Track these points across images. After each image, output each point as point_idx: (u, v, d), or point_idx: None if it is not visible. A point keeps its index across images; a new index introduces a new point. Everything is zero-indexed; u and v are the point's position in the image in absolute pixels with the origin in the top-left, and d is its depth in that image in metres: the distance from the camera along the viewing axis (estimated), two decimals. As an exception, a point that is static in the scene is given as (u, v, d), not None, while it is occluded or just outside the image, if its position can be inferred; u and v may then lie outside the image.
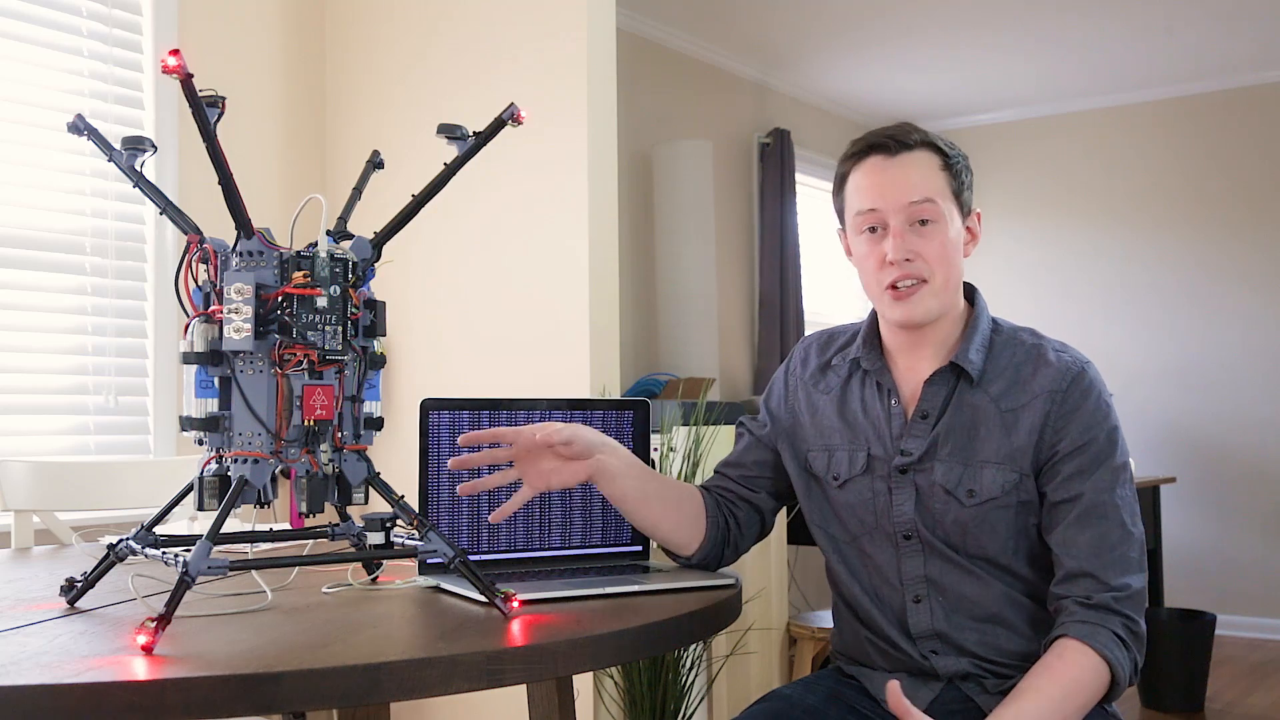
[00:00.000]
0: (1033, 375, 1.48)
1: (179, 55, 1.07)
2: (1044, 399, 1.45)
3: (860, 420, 1.55)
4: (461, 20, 3.04)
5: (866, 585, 1.56)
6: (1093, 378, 1.48)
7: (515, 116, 1.26)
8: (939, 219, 1.47)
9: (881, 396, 1.54)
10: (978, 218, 1.54)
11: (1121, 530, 1.42)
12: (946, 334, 1.52)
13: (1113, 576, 1.39)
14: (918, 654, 1.51)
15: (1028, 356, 1.50)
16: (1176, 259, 5.71)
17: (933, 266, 1.47)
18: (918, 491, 1.49)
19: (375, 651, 1.02)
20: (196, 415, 1.18)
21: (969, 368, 1.48)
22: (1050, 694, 1.33)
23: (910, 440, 1.50)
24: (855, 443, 1.55)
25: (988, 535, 1.46)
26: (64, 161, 2.70)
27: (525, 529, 1.55)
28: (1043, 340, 1.53)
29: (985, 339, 1.51)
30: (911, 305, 1.47)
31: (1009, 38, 5.02)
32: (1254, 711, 4.09)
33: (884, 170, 1.48)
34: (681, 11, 4.63)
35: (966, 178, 1.52)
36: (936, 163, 1.48)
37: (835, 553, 1.60)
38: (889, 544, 1.52)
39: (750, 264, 5.35)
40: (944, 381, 1.50)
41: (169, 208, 1.25)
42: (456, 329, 3.02)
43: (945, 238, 1.47)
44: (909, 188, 1.46)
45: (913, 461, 1.49)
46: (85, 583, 1.25)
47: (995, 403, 1.47)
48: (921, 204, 1.46)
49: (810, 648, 3.39)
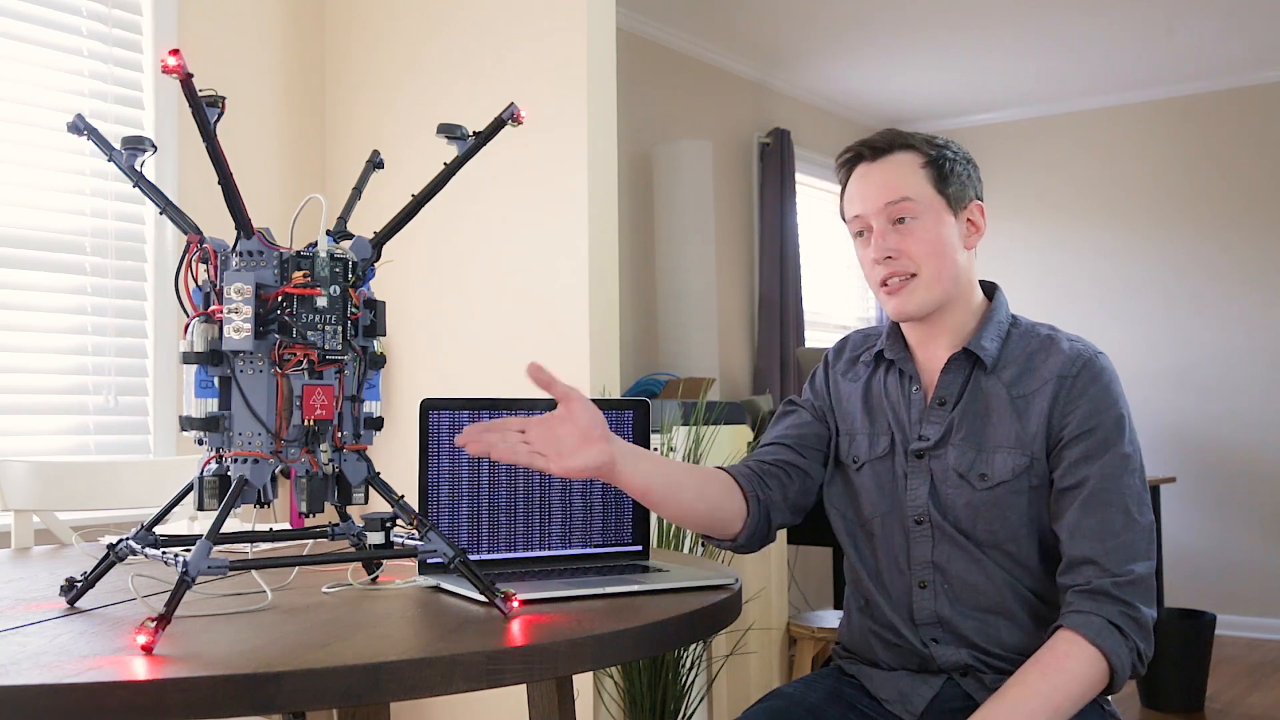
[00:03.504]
0: (1044, 361, 1.51)
1: (179, 55, 1.07)
2: (1054, 383, 1.48)
3: (883, 405, 1.59)
4: (461, 20, 3.04)
5: (873, 570, 1.58)
6: (1103, 365, 1.50)
7: (515, 116, 1.26)
8: (919, 215, 1.51)
9: (903, 383, 1.59)
10: (979, 209, 1.56)
11: (1126, 517, 1.42)
12: (961, 324, 1.55)
13: (1115, 563, 1.39)
14: (918, 641, 1.52)
15: (1041, 345, 1.53)
16: (1176, 259, 5.71)
17: (918, 261, 1.50)
18: (932, 477, 1.52)
19: (375, 651, 1.02)
20: (196, 415, 1.18)
21: (982, 354, 1.51)
22: (1038, 688, 1.33)
23: (928, 426, 1.53)
24: (876, 427, 1.59)
25: (999, 521, 1.47)
26: (64, 161, 2.70)
27: (525, 529, 1.55)
28: (1058, 332, 1.56)
29: (1001, 330, 1.55)
30: (902, 299, 1.52)
31: (1009, 38, 5.02)
32: (1254, 711, 4.09)
33: (864, 177, 1.55)
34: (681, 11, 4.63)
35: (960, 171, 1.54)
36: (916, 162, 1.53)
37: (848, 536, 1.62)
38: (900, 528, 1.54)
39: (750, 264, 5.35)
40: (959, 368, 1.54)
41: (169, 208, 1.25)
42: (456, 329, 3.02)
43: (928, 233, 1.50)
44: (885, 189, 1.52)
45: (929, 446, 1.52)
46: (85, 583, 1.25)
47: (1007, 388, 1.50)
48: (898, 203, 1.51)
49: (810, 648, 3.39)
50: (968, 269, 1.56)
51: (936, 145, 1.55)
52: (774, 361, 5.16)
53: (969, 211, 1.55)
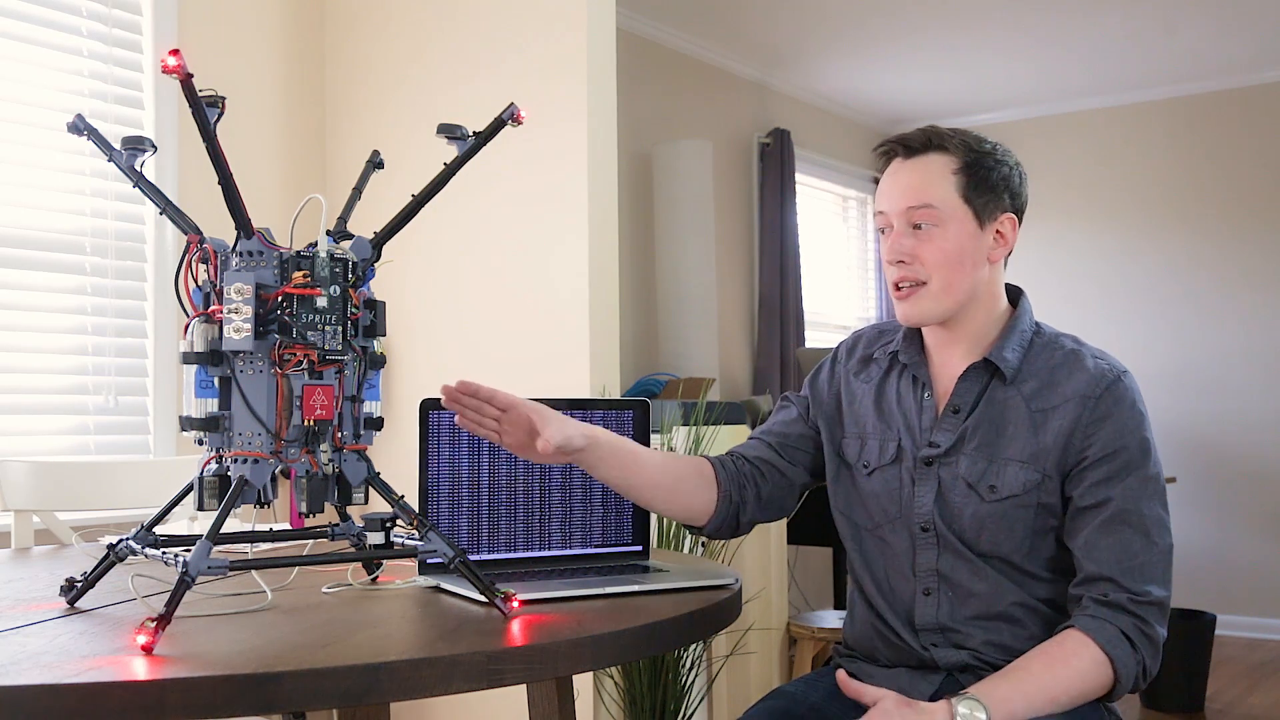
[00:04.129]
0: (1067, 378, 1.48)
1: (179, 55, 1.07)
2: (1076, 403, 1.45)
3: (894, 410, 1.57)
4: (461, 20, 3.04)
5: (880, 574, 1.57)
6: (1128, 385, 1.47)
7: (515, 116, 1.26)
8: (939, 223, 1.47)
9: (916, 389, 1.57)
10: (1011, 223, 1.52)
11: (1145, 540, 1.41)
12: (982, 332, 1.53)
13: (1132, 583, 1.39)
14: (919, 645, 1.52)
15: (1064, 360, 1.50)
16: (1176, 259, 5.71)
17: (929, 270, 1.48)
18: (940, 485, 1.50)
19: (375, 651, 1.02)
20: (196, 415, 1.18)
21: (1003, 365, 1.49)
22: (1041, 676, 1.33)
23: (939, 433, 1.51)
24: (887, 432, 1.57)
25: (1004, 534, 1.46)
26: (64, 161, 2.70)
27: (525, 529, 1.55)
28: (1082, 346, 1.53)
29: (1024, 340, 1.52)
30: (909, 305, 1.50)
31: (1010, 37, 5.02)
32: (1254, 711, 4.09)
33: (895, 174, 1.52)
34: (681, 11, 4.63)
35: (996, 180, 1.49)
36: (950, 166, 1.48)
37: (854, 540, 1.61)
38: (907, 535, 1.53)
39: (750, 264, 5.35)
40: (977, 378, 1.52)
41: (169, 208, 1.25)
42: (456, 329, 3.02)
43: (945, 242, 1.47)
44: (909, 192, 1.49)
45: (939, 454, 1.51)
46: (85, 583, 1.25)
47: (1026, 402, 1.48)
48: (919, 209, 1.48)
49: (810, 648, 3.39)
50: (990, 281, 1.52)
51: (976, 150, 1.49)
52: (774, 361, 5.16)
53: (998, 224, 1.50)
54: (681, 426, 3.04)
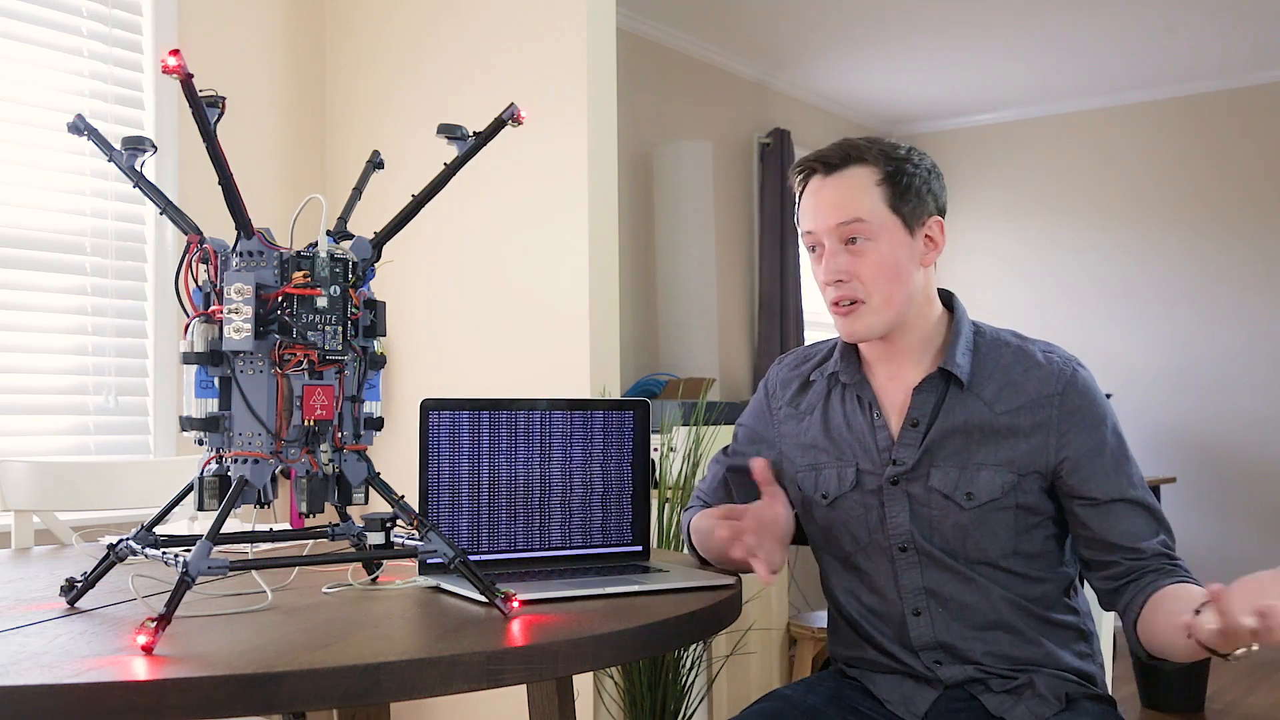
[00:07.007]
0: (1024, 376, 1.48)
1: (179, 55, 1.07)
2: (1041, 401, 1.46)
3: (845, 436, 1.55)
4: (461, 20, 3.04)
5: (865, 601, 1.55)
6: (1085, 378, 1.49)
7: (515, 116, 1.26)
8: (871, 236, 1.47)
9: (863, 410, 1.55)
10: (939, 225, 1.52)
11: (1148, 514, 1.46)
12: (926, 341, 1.52)
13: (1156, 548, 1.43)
14: (921, 666, 1.50)
15: (1016, 358, 1.50)
16: (1176, 259, 5.70)
17: (867, 287, 1.47)
18: (911, 501, 1.49)
19: (375, 651, 1.02)
20: (196, 415, 1.18)
21: (957, 372, 1.48)
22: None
23: (902, 449, 1.50)
24: (843, 459, 1.55)
25: (988, 538, 1.46)
26: (64, 161, 2.70)
27: (525, 529, 1.55)
28: (1026, 341, 1.53)
29: (969, 342, 1.52)
30: (851, 323, 1.50)
31: (1009, 38, 5.02)
32: (1254, 711, 4.09)
33: (818, 192, 1.51)
34: (681, 11, 4.63)
35: (919, 186, 1.49)
36: (873, 178, 1.48)
37: (832, 570, 1.60)
38: (885, 558, 1.52)
39: (750, 264, 5.35)
40: (933, 388, 1.50)
41: (169, 208, 1.25)
42: (457, 329, 3.02)
43: (880, 256, 1.47)
44: (837, 208, 1.48)
45: (905, 471, 1.49)
46: (85, 583, 1.25)
47: (989, 406, 1.48)
48: (850, 224, 1.47)
49: (810, 648, 3.39)
50: (924, 286, 1.52)
51: (894, 158, 1.49)
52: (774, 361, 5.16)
53: (927, 228, 1.50)
54: (681, 426, 3.04)
